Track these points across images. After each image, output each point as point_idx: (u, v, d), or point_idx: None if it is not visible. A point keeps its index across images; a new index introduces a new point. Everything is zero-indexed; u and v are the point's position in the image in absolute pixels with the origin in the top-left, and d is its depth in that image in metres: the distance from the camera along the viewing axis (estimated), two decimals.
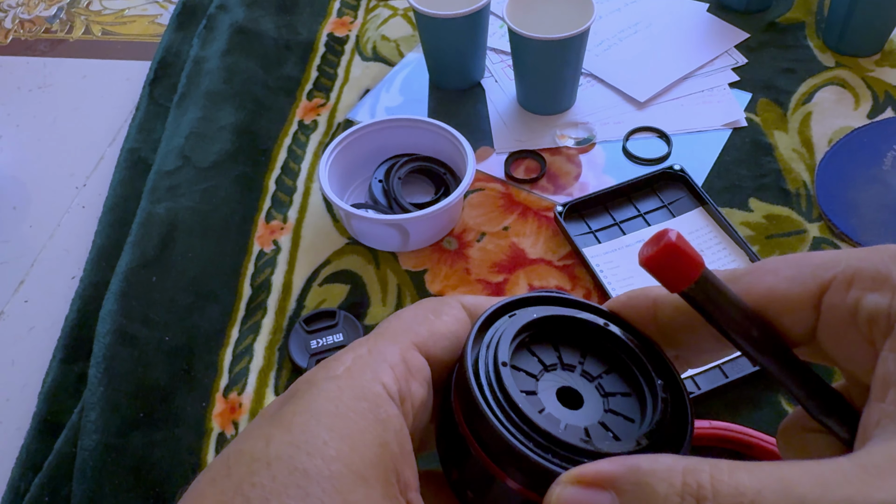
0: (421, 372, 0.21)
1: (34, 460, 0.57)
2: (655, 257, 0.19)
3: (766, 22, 0.82)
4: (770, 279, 0.20)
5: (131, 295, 0.63)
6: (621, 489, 0.17)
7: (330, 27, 0.88)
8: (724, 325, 0.20)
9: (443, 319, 0.23)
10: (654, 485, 0.17)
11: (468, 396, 0.20)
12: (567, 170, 0.71)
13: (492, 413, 0.19)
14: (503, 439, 0.19)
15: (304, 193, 0.71)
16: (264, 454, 0.17)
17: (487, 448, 0.20)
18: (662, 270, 0.19)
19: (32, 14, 1.01)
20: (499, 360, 0.20)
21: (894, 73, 0.75)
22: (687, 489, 0.16)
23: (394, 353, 0.21)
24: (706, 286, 0.20)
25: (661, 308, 0.22)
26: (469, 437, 0.20)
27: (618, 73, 0.78)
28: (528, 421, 0.19)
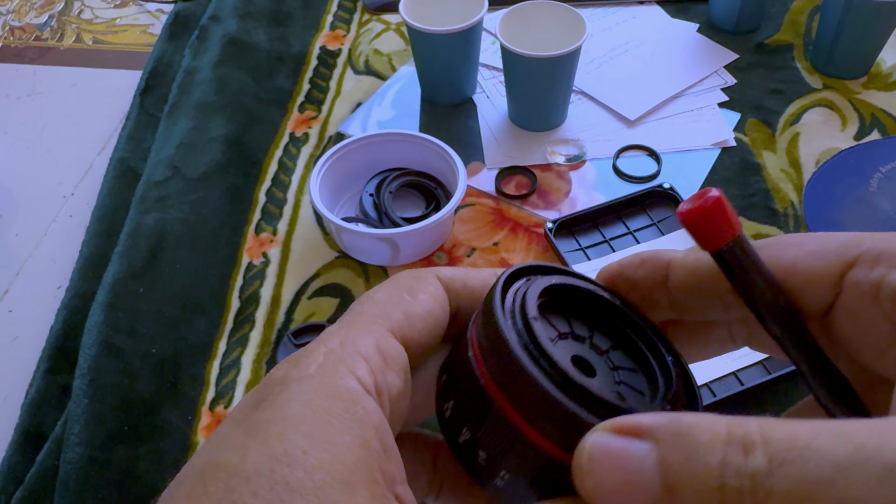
0: (397, 361, 0.20)
1: (16, 473, 0.56)
2: (697, 211, 0.19)
3: (755, 43, 0.83)
4: (793, 252, 0.20)
5: (118, 306, 0.62)
6: (660, 438, 0.16)
7: (322, 40, 0.88)
8: (751, 289, 0.20)
9: (419, 299, 0.22)
10: (697, 434, 0.16)
11: (498, 347, 0.19)
12: (557, 186, 0.71)
13: (529, 362, 0.19)
14: (539, 389, 0.18)
15: (295, 206, 0.71)
16: (242, 468, 0.16)
17: (517, 400, 0.19)
18: (702, 226, 0.19)
19: (23, 21, 1.00)
20: (528, 315, 0.20)
21: (881, 95, 0.76)
22: (732, 437, 0.15)
23: (367, 343, 0.20)
24: (741, 247, 0.19)
25: (675, 271, 0.22)
26: (493, 388, 0.19)
27: (608, 91, 0.79)
28: (564, 374, 0.19)
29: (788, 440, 0.15)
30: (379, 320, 0.20)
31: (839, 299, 0.19)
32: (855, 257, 0.19)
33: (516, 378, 0.19)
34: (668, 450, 0.16)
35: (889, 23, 0.73)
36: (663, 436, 0.16)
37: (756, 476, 0.15)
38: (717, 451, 0.15)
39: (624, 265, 0.23)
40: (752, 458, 0.15)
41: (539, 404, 0.18)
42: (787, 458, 0.15)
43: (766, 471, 0.15)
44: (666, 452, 0.16)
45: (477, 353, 0.20)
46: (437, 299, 0.22)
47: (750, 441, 0.15)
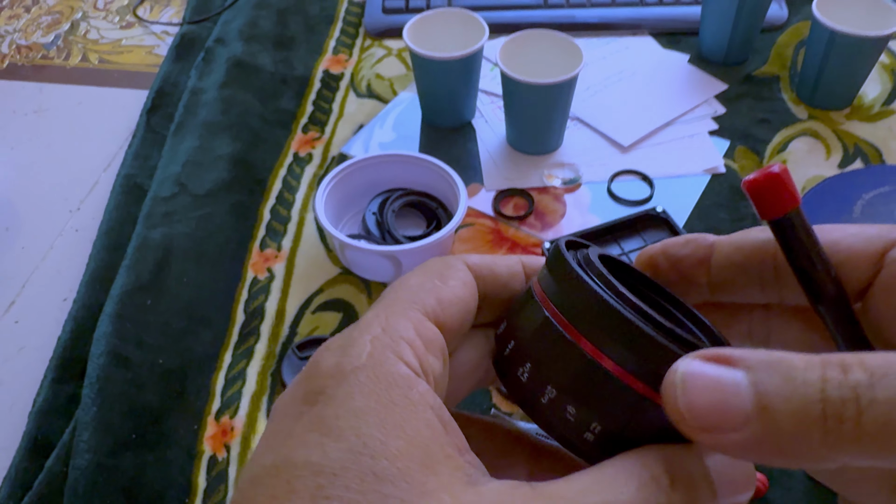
0: (435, 343, 0.20)
1: (24, 479, 0.57)
2: (764, 180, 0.20)
3: (744, 75, 0.86)
4: (837, 233, 0.21)
5: (126, 317, 0.63)
6: (753, 366, 0.17)
7: (325, 64, 0.90)
8: (805, 260, 0.21)
9: (450, 285, 0.22)
10: (793, 360, 0.16)
11: (584, 298, 0.20)
12: (554, 208, 0.74)
13: (617, 303, 0.19)
14: (632, 326, 0.19)
15: (299, 223, 0.73)
16: (327, 465, 0.17)
17: (607, 344, 0.19)
18: (766, 194, 0.20)
19: (30, 40, 1.02)
20: (598, 268, 0.21)
21: (863, 126, 0.79)
22: (828, 361, 0.16)
23: (407, 328, 0.20)
24: (800, 219, 0.21)
25: (720, 249, 0.23)
26: (581, 338, 0.20)
27: (603, 118, 0.82)
28: (649, 315, 0.19)
29: (884, 360, 0.16)
30: (415, 306, 0.21)
31: (878, 278, 0.20)
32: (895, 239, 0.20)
33: (607, 322, 0.19)
34: (762, 375, 0.16)
35: (870, 57, 0.76)
36: (756, 364, 0.17)
37: (858, 387, 0.15)
38: (816, 370, 0.16)
39: (668, 244, 0.24)
40: (851, 374, 0.16)
41: (632, 344, 0.19)
42: (886, 372, 0.15)
43: (868, 383, 0.15)
44: (761, 377, 0.16)
45: (553, 309, 0.21)
46: (466, 285, 0.22)
47: (846, 363, 0.16)
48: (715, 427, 0.17)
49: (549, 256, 0.22)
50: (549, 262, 0.22)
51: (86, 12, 1.06)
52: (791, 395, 0.16)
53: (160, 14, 1.05)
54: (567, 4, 0.94)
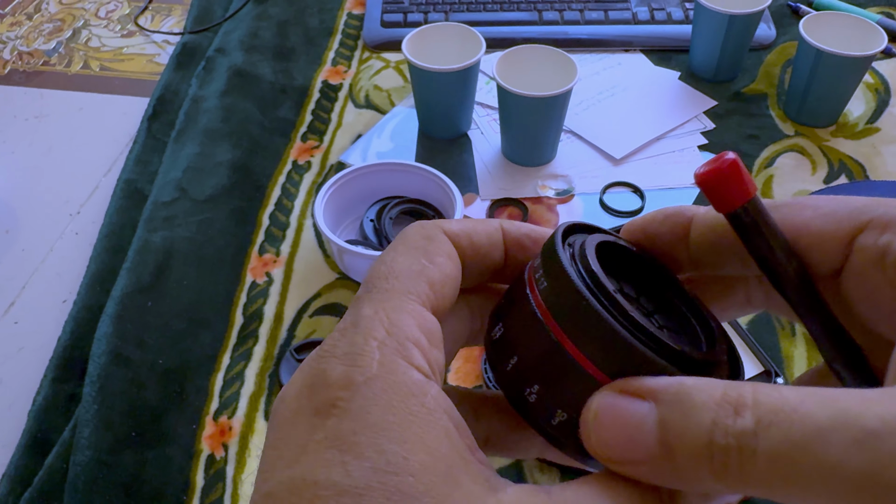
0: (436, 335, 0.20)
1: (23, 476, 0.58)
2: (714, 173, 0.19)
3: (733, 92, 0.88)
4: (808, 213, 0.20)
5: (126, 318, 0.65)
6: (662, 399, 0.17)
7: (324, 75, 0.92)
8: (764, 251, 0.20)
9: (437, 263, 0.21)
10: (693, 395, 0.17)
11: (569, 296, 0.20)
12: (547, 218, 0.75)
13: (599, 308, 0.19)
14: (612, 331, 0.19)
15: (297, 229, 0.74)
16: (350, 485, 0.16)
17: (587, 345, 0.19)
18: (717, 188, 0.20)
19: (31, 47, 1.04)
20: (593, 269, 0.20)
21: (848, 143, 0.81)
22: (726, 398, 0.16)
23: (411, 325, 0.19)
24: (755, 210, 0.20)
25: (696, 226, 0.22)
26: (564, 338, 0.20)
27: (596, 131, 0.84)
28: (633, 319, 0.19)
29: (776, 403, 0.15)
30: (411, 297, 0.20)
31: (848, 262, 0.20)
32: (866, 221, 0.19)
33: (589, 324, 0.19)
34: (667, 410, 0.17)
35: (855, 77, 0.79)
36: (664, 397, 0.17)
37: (742, 436, 0.16)
38: (710, 412, 0.16)
39: (647, 220, 0.23)
40: (740, 419, 0.16)
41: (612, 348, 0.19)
42: (773, 420, 0.15)
43: (752, 431, 0.15)
44: (665, 412, 0.17)
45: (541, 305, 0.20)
46: (452, 260, 0.22)
47: (741, 403, 0.16)
48: (624, 460, 0.18)
49: (545, 246, 0.22)
50: (544, 252, 0.22)
51: (87, 20, 1.08)
52: (686, 435, 0.16)
53: (161, 23, 1.07)
54: (561, 21, 0.96)
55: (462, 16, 0.96)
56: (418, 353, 0.19)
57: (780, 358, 0.62)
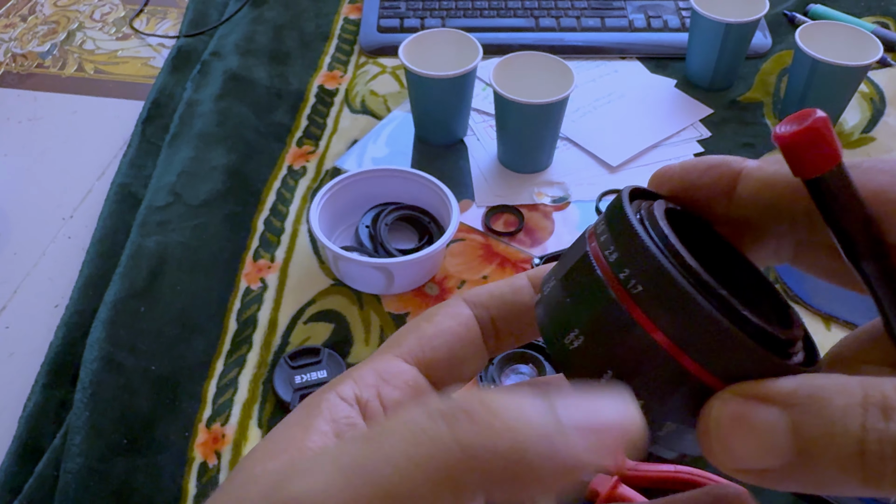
0: (399, 376, 0.22)
1: (13, 483, 0.57)
2: (803, 134, 0.17)
3: (728, 100, 0.88)
4: (884, 178, 0.19)
5: (119, 324, 0.64)
6: (792, 403, 0.16)
7: (320, 79, 0.92)
8: (845, 222, 0.18)
9: (434, 321, 0.23)
10: (832, 397, 0.15)
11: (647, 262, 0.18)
12: (543, 225, 0.75)
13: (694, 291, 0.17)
14: (710, 318, 0.17)
15: (292, 235, 0.74)
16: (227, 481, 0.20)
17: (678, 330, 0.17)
18: (802, 152, 0.18)
19: (25, 49, 1.03)
20: (668, 237, 0.19)
21: (843, 152, 0.81)
22: (870, 400, 0.15)
23: (364, 369, 0.22)
24: (842, 176, 0.18)
25: (747, 181, 0.21)
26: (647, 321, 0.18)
27: (592, 139, 0.83)
28: (725, 299, 0.17)
29: None
30: (391, 349, 0.23)
31: None
32: None
33: (694, 324, 0.17)
34: (801, 414, 0.16)
35: (851, 86, 0.79)
36: (795, 401, 0.16)
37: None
38: (856, 416, 0.15)
39: (687, 169, 0.22)
40: (893, 422, 0.15)
41: (720, 346, 0.17)
42: None
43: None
44: (799, 417, 0.16)
45: (615, 281, 0.18)
46: (455, 317, 0.23)
47: (889, 404, 0.15)
48: (752, 469, 0.17)
49: (610, 209, 0.20)
50: (609, 215, 0.20)
51: (82, 23, 1.07)
52: (831, 441, 0.15)
53: (156, 27, 1.06)
54: (558, 28, 0.96)
55: (459, 22, 0.96)
56: (350, 384, 0.21)
57: None
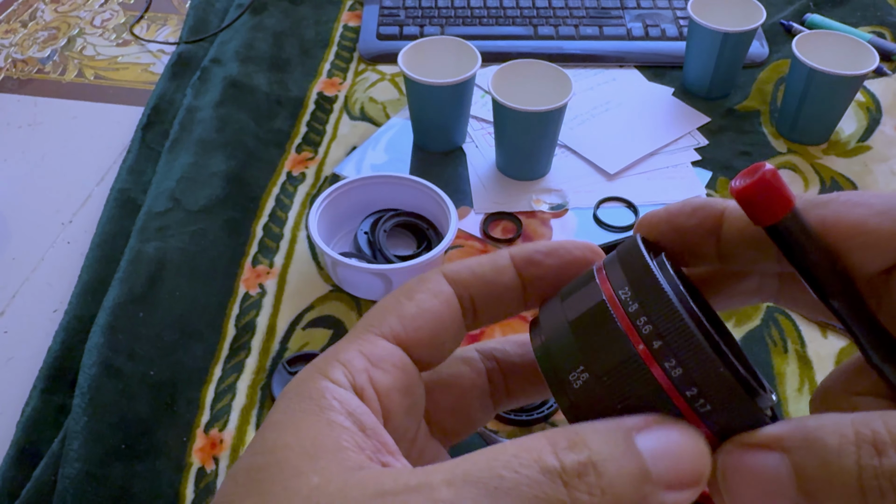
0: (387, 359, 0.21)
1: (10, 488, 0.57)
2: (755, 186, 0.19)
3: (726, 108, 0.89)
4: (861, 211, 0.20)
5: (118, 329, 0.64)
6: (790, 447, 0.17)
7: (320, 86, 0.92)
8: (807, 262, 0.20)
9: (416, 299, 0.22)
10: (825, 438, 0.16)
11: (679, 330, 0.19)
12: (541, 232, 0.76)
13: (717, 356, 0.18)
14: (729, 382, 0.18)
15: (291, 241, 0.74)
16: (232, 472, 0.19)
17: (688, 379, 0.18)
18: (758, 201, 0.19)
19: (26, 54, 1.03)
20: (688, 299, 0.19)
21: (839, 161, 0.82)
22: (862, 438, 0.16)
23: (348, 350, 0.21)
24: (797, 221, 0.19)
25: (731, 220, 0.22)
26: (665, 378, 0.19)
27: (590, 146, 0.84)
28: (728, 358, 0.18)
29: None
30: (370, 328, 0.22)
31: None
32: None
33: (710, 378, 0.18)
34: (800, 458, 0.17)
35: (847, 95, 0.79)
36: (792, 444, 0.17)
37: (893, 475, 0.15)
38: (850, 454, 0.16)
39: (673, 213, 0.22)
40: (886, 458, 0.15)
41: (730, 405, 0.18)
42: None
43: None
44: (799, 460, 0.17)
45: (645, 349, 0.19)
46: (437, 295, 0.22)
47: (880, 440, 0.16)
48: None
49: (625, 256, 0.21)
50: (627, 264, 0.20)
51: (82, 29, 1.08)
52: (830, 480, 0.16)
53: (156, 33, 1.07)
54: (556, 36, 0.97)
55: (458, 29, 0.97)
56: (340, 369, 0.20)
57: (773, 375, 0.63)
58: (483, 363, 0.25)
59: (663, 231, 0.23)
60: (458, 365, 0.25)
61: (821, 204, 0.20)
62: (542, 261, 0.23)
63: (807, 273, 0.20)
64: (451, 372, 0.25)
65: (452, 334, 0.23)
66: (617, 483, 0.17)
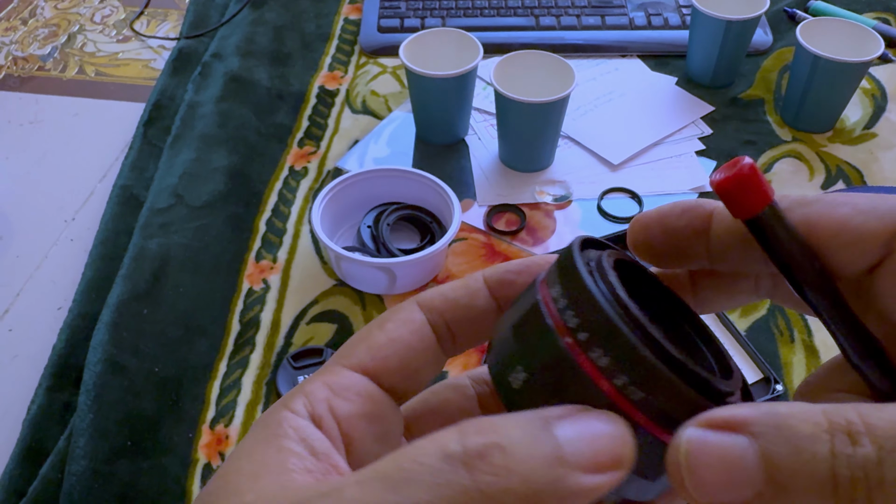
0: (349, 388, 0.21)
1: (17, 486, 0.57)
2: (733, 179, 0.19)
3: (730, 97, 0.88)
4: (845, 210, 0.20)
5: (122, 326, 0.64)
6: (759, 432, 0.16)
7: (321, 80, 0.92)
8: (785, 257, 0.20)
9: (385, 329, 0.22)
10: (798, 425, 0.16)
11: (605, 328, 0.19)
12: (545, 224, 0.75)
13: (642, 345, 0.18)
14: (655, 368, 0.18)
15: (294, 235, 0.74)
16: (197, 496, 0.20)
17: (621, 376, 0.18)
18: (736, 194, 0.19)
19: (26, 52, 1.03)
20: (616, 289, 0.19)
21: (845, 148, 0.81)
22: (835, 426, 0.15)
23: (313, 382, 0.21)
24: (775, 215, 0.19)
25: (720, 220, 0.22)
26: (593, 368, 0.19)
27: (593, 137, 0.83)
28: (667, 351, 0.18)
29: (893, 427, 0.15)
30: (340, 360, 0.22)
31: (887, 260, 0.19)
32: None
33: (637, 367, 0.18)
34: (769, 442, 0.16)
35: (852, 82, 0.79)
36: (762, 429, 0.16)
37: (867, 466, 0.15)
38: (824, 442, 0.15)
39: (663, 214, 0.23)
40: (860, 447, 0.15)
41: (663, 392, 0.18)
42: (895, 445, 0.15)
43: (878, 459, 0.15)
44: (768, 445, 0.16)
45: (573, 342, 0.19)
46: (406, 324, 0.23)
47: (854, 429, 0.15)
48: (725, 502, 0.17)
49: (561, 259, 0.21)
50: (561, 266, 0.21)
51: (83, 25, 1.07)
52: (801, 468, 0.16)
53: (157, 28, 1.06)
54: (558, 26, 0.96)
55: (459, 21, 0.96)
56: (301, 400, 0.21)
57: (779, 365, 0.62)
58: (474, 388, 0.25)
59: (655, 232, 0.23)
60: (446, 392, 0.25)
61: (806, 203, 0.20)
62: (515, 280, 0.23)
63: (786, 268, 0.20)
64: (440, 399, 0.25)
65: (426, 361, 0.23)
66: (525, 463, 0.17)
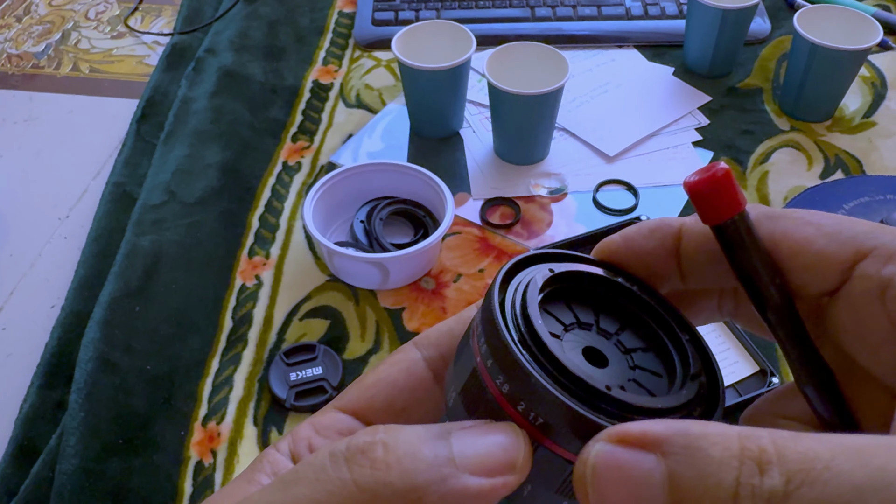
0: (331, 427, 0.22)
1: (9, 485, 0.57)
2: (706, 182, 0.19)
3: (727, 87, 0.87)
4: (809, 230, 0.19)
5: (114, 323, 0.64)
6: (669, 452, 0.15)
7: (315, 74, 0.91)
8: (748, 268, 0.19)
9: (377, 370, 0.23)
10: (708, 448, 0.15)
11: (503, 357, 0.19)
12: (540, 217, 0.75)
13: (533, 368, 0.18)
14: (551, 397, 0.18)
15: (287, 231, 0.74)
16: None
17: (531, 411, 0.18)
18: (708, 197, 0.19)
19: (20, 49, 1.03)
20: (532, 319, 0.19)
21: (843, 137, 0.81)
22: (746, 453, 0.15)
23: (303, 426, 0.23)
24: (744, 224, 0.19)
25: (690, 236, 0.21)
26: (504, 402, 0.19)
27: (589, 129, 0.83)
28: (571, 374, 0.18)
29: (805, 459, 0.14)
30: (334, 402, 0.23)
31: (844, 287, 0.19)
32: (870, 248, 0.19)
33: (528, 390, 0.18)
34: (677, 464, 0.15)
35: (851, 71, 0.78)
36: (671, 448, 0.16)
37: (773, 498, 0.14)
38: (731, 469, 0.15)
39: (629, 237, 0.22)
40: (767, 477, 0.14)
41: (555, 414, 0.18)
42: (805, 479, 0.14)
43: (783, 492, 0.14)
44: (675, 466, 0.15)
45: (482, 366, 0.19)
46: (396, 364, 0.23)
47: (765, 458, 0.15)
48: None
49: (486, 294, 0.21)
50: (485, 298, 0.20)
51: (77, 22, 1.07)
52: (704, 494, 0.15)
53: (151, 24, 1.06)
54: (554, 17, 0.95)
55: (453, 13, 0.95)
56: (287, 440, 0.22)
57: (775, 357, 0.62)
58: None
59: (622, 257, 0.22)
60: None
61: (773, 217, 0.20)
62: None
63: (748, 280, 0.20)
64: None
65: (416, 398, 0.23)
66: (407, 459, 0.17)
